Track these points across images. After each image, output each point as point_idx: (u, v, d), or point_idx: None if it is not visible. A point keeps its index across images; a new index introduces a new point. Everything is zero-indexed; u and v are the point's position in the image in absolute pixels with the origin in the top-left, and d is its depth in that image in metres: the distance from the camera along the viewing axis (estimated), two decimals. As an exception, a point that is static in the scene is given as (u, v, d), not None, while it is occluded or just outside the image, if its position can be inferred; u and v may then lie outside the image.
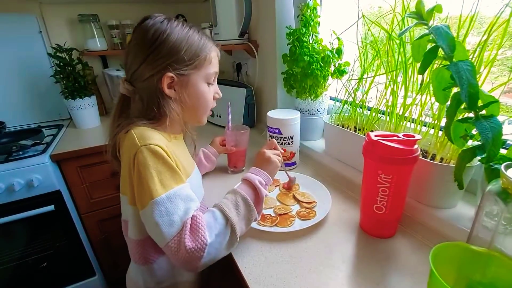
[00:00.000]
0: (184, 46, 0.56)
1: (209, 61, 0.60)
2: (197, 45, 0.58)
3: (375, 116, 0.79)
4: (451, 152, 0.63)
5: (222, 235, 0.51)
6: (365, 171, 0.61)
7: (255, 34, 1.29)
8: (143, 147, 0.51)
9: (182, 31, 0.57)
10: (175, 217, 0.48)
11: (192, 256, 0.47)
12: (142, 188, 0.50)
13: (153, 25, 0.55)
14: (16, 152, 1.09)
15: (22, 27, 1.39)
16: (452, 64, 0.47)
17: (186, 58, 0.56)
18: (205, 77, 0.61)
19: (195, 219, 0.49)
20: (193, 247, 0.47)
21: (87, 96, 1.36)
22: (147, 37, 0.55)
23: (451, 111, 0.49)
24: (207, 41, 0.61)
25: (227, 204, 0.55)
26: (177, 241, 0.47)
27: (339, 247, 0.61)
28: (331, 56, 0.92)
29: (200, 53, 0.58)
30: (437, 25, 0.47)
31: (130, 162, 0.52)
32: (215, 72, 0.64)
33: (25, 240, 1.17)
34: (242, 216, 0.55)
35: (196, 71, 0.59)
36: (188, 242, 0.47)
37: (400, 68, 0.69)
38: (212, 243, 0.48)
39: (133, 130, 0.54)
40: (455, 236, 0.59)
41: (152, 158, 0.51)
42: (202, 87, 0.62)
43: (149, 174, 0.50)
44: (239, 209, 0.55)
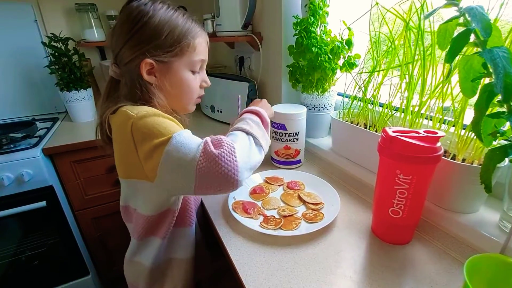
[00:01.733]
0: (166, 31, 0.53)
1: (193, 48, 0.57)
2: (180, 30, 0.55)
3: (388, 112, 0.74)
4: (474, 152, 0.58)
5: (247, 146, 0.51)
6: (381, 171, 0.55)
7: (259, 26, 1.23)
8: (139, 114, 0.49)
9: (165, 14, 0.54)
10: (192, 144, 0.46)
11: (225, 160, 0.44)
12: (152, 144, 0.46)
13: (138, 7, 0.53)
14: (6, 145, 1.04)
15: (17, 16, 1.34)
16: (486, 50, 0.41)
17: (167, 44, 0.54)
18: (188, 64, 0.58)
19: (214, 137, 0.48)
20: (222, 151, 0.44)
21: (83, 89, 1.30)
22: (129, 19, 0.53)
23: (482, 104, 0.44)
24: (193, 26, 0.57)
25: (240, 125, 0.55)
26: (204, 155, 0.44)
27: (350, 254, 0.55)
28: (341, 48, 0.86)
29: (182, 39, 0.55)
30: (471, 6, 0.41)
31: (127, 135, 0.48)
32: (201, 60, 0.60)
33: (16, 237, 1.12)
34: (256, 128, 0.55)
35: (177, 59, 0.56)
36: (214, 150, 0.44)
37: (418, 59, 0.64)
38: (240, 149, 0.47)
39: (124, 107, 0.52)
40: (478, 244, 0.54)
41: (151, 118, 0.49)
42: (185, 75, 0.59)
43: (155, 130, 0.47)
44: (253, 128, 0.55)
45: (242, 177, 0.46)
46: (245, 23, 1.19)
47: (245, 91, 1.18)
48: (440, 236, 0.58)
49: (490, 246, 0.51)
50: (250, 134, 0.53)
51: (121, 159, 0.55)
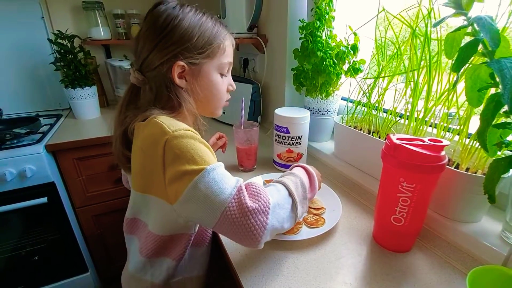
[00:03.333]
0: (197, 33, 0.52)
1: (222, 50, 0.57)
2: (211, 32, 0.54)
3: (392, 118, 0.73)
4: (478, 161, 0.58)
5: (284, 207, 0.46)
6: (384, 178, 0.55)
7: (264, 28, 1.23)
8: (175, 132, 0.46)
9: (195, 17, 0.53)
10: (225, 185, 0.43)
11: (255, 218, 0.41)
12: (182, 168, 0.44)
13: (165, 11, 0.52)
14: (10, 141, 1.04)
15: (25, 12, 1.35)
16: (494, 61, 0.41)
17: (198, 46, 0.53)
18: (218, 67, 0.58)
19: (252, 184, 0.45)
20: (256, 206, 0.41)
21: (88, 86, 1.31)
22: (158, 23, 0.52)
23: (488, 114, 0.43)
24: (222, 29, 0.56)
25: (288, 181, 0.51)
26: (237, 202, 0.41)
27: (351, 260, 0.55)
28: (346, 53, 0.86)
29: (213, 41, 0.54)
30: (479, 16, 0.41)
31: (158, 151, 0.46)
32: (229, 63, 0.60)
33: (17, 232, 1.12)
34: (300, 199, 0.50)
35: (208, 60, 0.56)
36: (249, 202, 0.41)
37: (424, 66, 0.64)
38: (275, 211, 0.43)
39: (157, 118, 0.49)
40: (480, 254, 0.54)
41: (188, 140, 0.46)
42: (215, 78, 0.58)
43: (189, 155, 0.45)
44: (298, 190, 0.51)
45: (265, 239, 0.43)
46: (251, 25, 1.19)
47: (248, 93, 1.18)
48: (442, 245, 0.58)
49: (492, 256, 0.51)
50: (292, 197, 0.48)
51: (142, 172, 0.52)
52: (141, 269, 0.58)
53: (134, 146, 0.54)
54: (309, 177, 0.57)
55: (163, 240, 0.55)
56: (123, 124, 0.55)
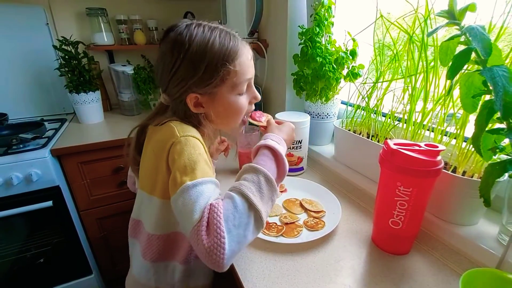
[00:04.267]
0: (203, 64, 0.51)
1: (234, 73, 0.54)
2: (218, 58, 0.52)
3: (390, 122, 0.75)
4: (475, 165, 0.59)
5: (244, 225, 0.43)
6: (382, 182, 0.56)
7: (265, 33, 1.25)
8: (182, 137, 0.50)
9: (202, 42, 0.51)
10: (196, 206, 0.43)
11: (212, 254, 0.40)
12: (176, 176, 0.47)
13: (174, 40, 0.52)
14: (16, 145, 1.06)
15: (30, 19, 1.37)
16: (486, 69, 0.42)
17: (206, 77, 0.52)
18: (233, 88, 0.56)
19: (213, 209, 0.42)
20: (210, 243, 0.40)
21: (92, 91, 1.33)
22: (168, 54, 0.53)
23: (482, 120, 0.45)
24: (232, 47, 0.53)
25: (249, 186, 0.46)
26: (196, 235, 0.41)
27: (350, 263, 0.56)
28: (345, 58, 0.88)
29: (220, 68, 0.52)
30: (471, 25, 0.42)
31: (163, 152, 0.50)
32: (246, 79, 0.57)
33: (22, 235, 1.14)
34: (266, 199, 0.47)
35: (220, 87, 0.55)
36: (204, 238, 0.40)
37: (420, 72, 0.65)
38: (232, 235, 0.41)
39: (172, 122, 0.53)
40: (476, 257, 0.55)
41: (189, 148, 0.49)
42: (232, 99, 0.57)
43: (182, 162, 0.47)
44: (262, 191, 0.46)
45: (228, 263, 0.41)
46: (252, 30, 1.21)
47: (250, 97, 1.20)
48: (439, 247, 0.59)
49: (488, 259, 0.52)
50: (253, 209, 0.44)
51: (150, 173, 0.55)
52: (145, 274, 0.59)
53: (146, 147, 0.57)
54: (277, 161, 0.53)
55: (162, 240, 0.56)
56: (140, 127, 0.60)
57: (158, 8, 1.61)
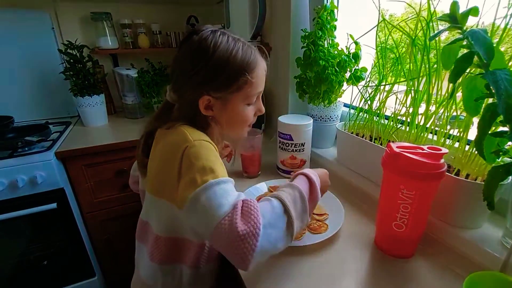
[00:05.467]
0: (225, 70, 0.53)
1: (250, 84, 0.56)
2: (238, 67, 0.54)
3: (393, 125, 0.75)
4: (478, 168, 0.59)
5: (278, 227, 0.43)
6: (385, 185, 0.56)
7: (268, 37, 1.26)
8: (196, 141, 0.50)
9: (225, 50, 0.53)
10: (224, 200, 0.43)
11: (244, 242, 0.39)
12: (192, 176, 0.46)
13: (199, 43, 0.53)
14: (21, 148, 1.08)
15: (35, 23, 1.39)
16: (488, 72, 0.42)
17: (224, 83, 0.54)
18: (245, 98, 0.58)
19: (248, 202, 0.43)
20: (245, 230, 0.39)
21: (96, 94, 1.34)
22: (190, 56, 0.54)
23: (485, 123, 0.45)
24: (252, 60, 0.55)
25: (286, 195, 0.48)
26: (228, 222, 0.41)
27: (353, 266, 0.56)
28: (348, 61, 0.88)
29: (240, 77, 0.54)
30: (474, 29, 0.43)
31: (177, 157, 0.49)
32: (259, 92, 0.60)
33: (26, 237, 1.15)
34: (298, 214, 0.47)
35: (235, 94, 0.56)
36: (240, 224, 0.40)
37: (423, 75, 0.65)
38: (266, 232, 0.41)
39: (183, 127, 0.53)
40: (481, 260, 0.55)
41: (205, 151, 0.50)
42: (241, 109, 0.59)
43: (201, 164, 0.47)
44: (296, 205, 0.48)
45: (254, 262, 0.41)
46: (254, 34, 1.21)
47: (252, 100, 1.21)
48: (443, 251, 0.59)
49: (493, 262, 0.52)
50: (288, 214, 0.45)
51: (159, 176, 0.55)
52: (152, 276, 0.59)
53: (154, 150, 0.57)
54: (310, 186, 0.53)
55: (170, 242, 0.56)
56: (149, 128, 0.61)
57: (161, 12, 1.63)
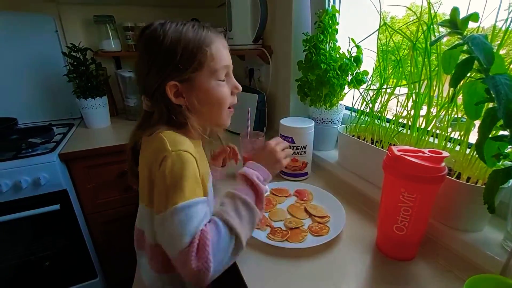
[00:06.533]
0: (179, 49, 0.52)
1: (211, 57, 0.55)
2: (193, 43, 0.53)
3: (394, 128, 0.75)
4: (479, 171, 0.59)
5: (226, 249, 0.47)
6: (385, 188, 0.57)
7: (269, 40, 1.27)
8: (174, 152, 0.49)
9: (175, 32, 0.53)
10: (186, 231, 0.45)
11: (198, 275, 0.44)
12: (165, 192, 0.47)
13: (149, 35, 0.54)
14: (25, 150, 1.09)
15: (39, 26, 1.41)
16: (489, 77, 0.43)
17: (183, 62, 0.53)
18: (211, 74, 0.56)
19: (203, 236, 0.45)
20: (198, 267, 0.43)
21: (99, 96, 1.35)
22: (144, 50, 0.55)
23: (485, 128, 0.45)
24: (206, 35, 0.55)
25: (228, 212, 0.49)
26: (185, 257, 0.44)
27: (354, 268, 0.57)
28: (349, 65, 0.89)
29: (197, 52, 0.53)
30: (473, 35, 0.43)
31: (155, 165, 0.49)
32: (224, 66, 0.57)
33: (30, 238, 1.16)
34: (246, 222, 0.50)
35: (198, 72, 0.55)
36: (193, 261, 0.43)
37: (424, 79, 0.66)
38: (217, 260, 0.45)
39: (163, 134, 0.52)
40: (481, 263, 0.55)
41: (181, 165, 0.49)
42: (211, 85, 0.56)
43: (174, 181, 0.47)
44: (240, 215, 0.50)
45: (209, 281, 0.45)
46: (256, 37, 1.22)
47: (254, 103, 1.21)
48: (444, 253, 0.59)
49: (494, 265, 0.52)
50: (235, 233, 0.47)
51: (146, 186, 0.54)
52: (153, 284, 0.60)
53: (141, 160, 0.57)
54: (252, 188, 0.55)
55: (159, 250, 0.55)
56: (133, 140, 0.59)
57: (163, 15, 1.62)
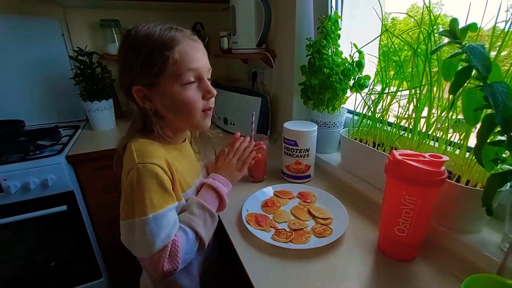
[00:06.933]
0: (142, 52, 0.52)
1: (174, 61, 0.53)
2: (155, 46, 0.52)
3: (395, 132, 0.77)
4: (478, 174, 0.61)
5: (193, 251, 0.57)
6: (387, 191, 0.59)
7: (273, 44, 1.29)
8: (139, 164, 0.51)
9: (144, 34, 0.53)
10: (158, 240, 0.50)
11: (167, 275, 0.52)
12: (130, 204, 0.50)
13: (124, 38, 0.55)
14: (33, 152, 1.11)
15: (46, 30, 1.43)
16: (486, 85, 0.45)
17: (146, 66, 0.52)
18: (175, 78, 0.54)
19: (174, 244, 0.52)
20: (169, 268, 0.52)
21: (104, 99, 1.38)
22: (120, 55, 0.56)
23: (484, 133, 0.47)
24: (171, 38, 0.53)
25: (197, 222, 0.57)
26: (157, 260, 0.51)
27: (357, 269, 0.59)
28: (351, 69, 0.91)
29: (158, 56, 0.52)
30: (472, 45, 0.45)
31: (124, 176, 0.53)
32: (190, 69, 0.55)
33: (36, 238, 1.18)
34: (209, 228, 0.60)
35: (161, 77, 0.54)
36: (166, 265, 0.51)
37: (424, 84, 0.68)
38: (184, 261, 0.55)
39: (133, 144, 0.54)
40: (479, 263, 0.56)
41: (145, 178, 0.50)
42: (176, 90, 0.55)
43: (139, 193, 0.50)
44: (207, 225, 0.59)
45: None
46: (260, 41, 1.25)
47: (257, 106, 1.23)
48: (444, 254, 0.61)
49: (492, 266, 0.54)
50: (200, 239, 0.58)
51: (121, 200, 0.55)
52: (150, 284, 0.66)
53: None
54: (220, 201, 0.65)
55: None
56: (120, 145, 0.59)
57: (168, 18, 1.63)
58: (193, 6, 1.62)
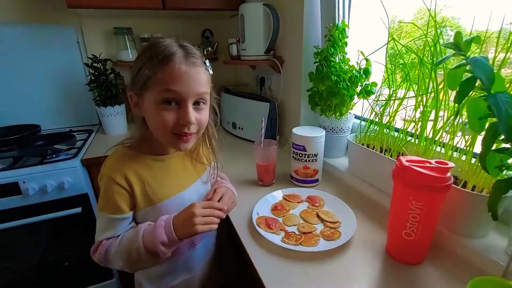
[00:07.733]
0: (139, 65, 0.57)
1: (155, 80, 0.54)
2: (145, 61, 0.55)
3: (403, 138, 0.79)
4: (484, 180, 0.62)
5: (116, 262, 0.62)
6: (395, 196, 0.60)
7: (281, 50, 1.32)
8: (104, 175, 0.61)
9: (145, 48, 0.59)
10: (97, 234, 0.64)
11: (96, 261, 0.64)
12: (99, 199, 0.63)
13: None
14: (50, 155, 1.15)
15: (62, 37, 1.49)
16: (490, 95, 0.47)
17: (137, 77, 0.57)
18: (153, 96, 0.56)
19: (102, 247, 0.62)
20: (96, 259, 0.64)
21: (118, 104, 1.43)
22: None
23: (488, 141, 0.49)
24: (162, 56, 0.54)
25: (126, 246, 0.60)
26: (94, 247, 0.64)
27: (365, 271, 0.60)
28: (359, 77, 0.93)
29: (145, 72, 0.55)
30: (476, 57, 0.47)
31: None
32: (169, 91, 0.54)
33: (51, 239, 1.22)
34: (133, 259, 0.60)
35: (147, 91, 0.56)
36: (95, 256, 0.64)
37: (431, 92, 0.69)
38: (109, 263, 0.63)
39: (114, 152, 0.65)
40: (485, 268, 0.58)
41: (102, 185, 0.61)
42: (152, 108, 0.57)
43: (101, 194, 0.62)
44: (131, 256, 0.59)
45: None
46: (268, 48, 1.28)
47: (266, 111, 1.26)
48: (451, 258, 0.62)
49: (498, 270, 0.55)
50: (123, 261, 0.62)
51: None
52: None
53: None
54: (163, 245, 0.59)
55: None
56: None
57: (178, 26, 1.71)
58: (203, 13, 1.66)
